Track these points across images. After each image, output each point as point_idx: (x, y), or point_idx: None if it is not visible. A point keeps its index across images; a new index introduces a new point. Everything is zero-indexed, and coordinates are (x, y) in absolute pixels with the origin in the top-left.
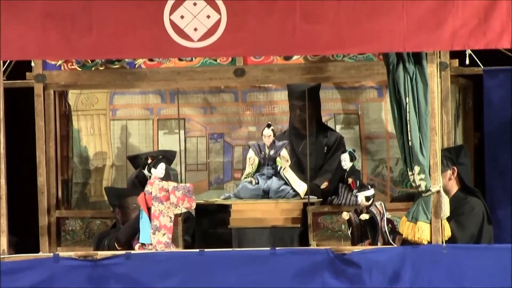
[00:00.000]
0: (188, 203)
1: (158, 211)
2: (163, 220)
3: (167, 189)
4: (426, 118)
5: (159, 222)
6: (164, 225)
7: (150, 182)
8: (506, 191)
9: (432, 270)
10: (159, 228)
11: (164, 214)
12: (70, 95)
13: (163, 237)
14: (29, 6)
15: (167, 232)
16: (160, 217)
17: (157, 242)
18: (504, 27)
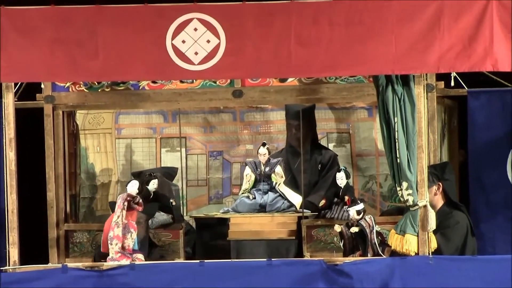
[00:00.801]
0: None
1: (114, 223)
2: (116, 230)
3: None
4: (414, 137)
5: (113, 233)
6: (117, 235)
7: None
8: (488, 205)
9: (419, 280)
10: (112, 238)
11: (118, 225)
12: (78, 115)
13: (116, 246)
14: (38, 32)
15: (118, 242)
16: (115, 228)
17: (115, 252)
18: (487, 52)
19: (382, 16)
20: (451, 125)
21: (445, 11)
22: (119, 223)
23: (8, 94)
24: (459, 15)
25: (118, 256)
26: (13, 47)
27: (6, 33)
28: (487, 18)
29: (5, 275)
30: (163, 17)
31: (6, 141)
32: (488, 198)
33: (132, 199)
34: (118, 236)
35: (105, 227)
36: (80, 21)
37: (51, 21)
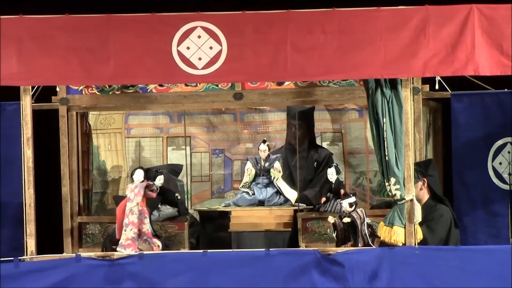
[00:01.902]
0: (139, 197)
1: (129, 210)
2: (132, 217)
3: (132, 189)
4: (401, 136)
5: (128, 220)
6: (132, 221)
7: (127, 186)
8: (470, 200)
9: (406, 269)
10: (127, 224)
11: (133, 212)
12: (90, 116)
13: (130, 232)
14: (54, 39)
15: (134, 227)
16: (130, 215)
17: (125, 239)
18: (468, 58)
19: (372, 25)
20: (436, 126)
21: (430, 20)
22: (134, 210)
23: (26, 96)
24: (443, 24)
25: (127, 243)
26: (30, 53)
27: (24, 41)
28: (468, 26)
29: (23, 264)
30: (169, 25)
31: (24, 140)
32: (470, 193)
33: (148, 187)
34: (133, 223)
35: (118, 215)
36: (92, 29)
37: (65, 29)
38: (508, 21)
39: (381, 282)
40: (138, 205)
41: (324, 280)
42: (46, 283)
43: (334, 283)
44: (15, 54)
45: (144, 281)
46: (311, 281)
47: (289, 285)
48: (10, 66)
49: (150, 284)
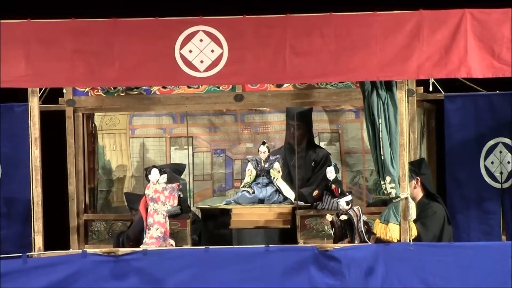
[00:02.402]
0: (173, 201)
1: (153, 210)
2: (157, 217)
3: (159, 190)
4: (396, 136)
5: (153, 219)
6: (158, 221)
7: (147, 186)
8: (463, 198)
9: (401, 265)
10: (152, 224)
11: (158, 212)
12: (96, 117)
13: (156, 231)
14: (60, 42)
15: (160, 227)
16: (155, 215)
17: (149, 238)
18: (461, 60)
19: (368, 29)
20: (430, 126)
21: (424, 24)
22: (159, 210)
23: (34, 98)
24: (436, 28)
25: (151, 241)
26: (38, 56)
27: (32, 44)
28: (461, 30)
29: (31, 260)
30: (172, 29)
31: (32, 140)
32: (462, 191)
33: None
34: (159, 222)
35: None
36: (97, 33)
37: (71, 33)
38: (499, 26)
39: (377, 277)
40: (163, 206)
41: (321, 275)
42: (53, 278)
43: (331, 278)
44: (23, 57)
45: (148, 276)
46: (309, 276)
47: (288, 280)
48: (18, 69)
49: (154, 279)
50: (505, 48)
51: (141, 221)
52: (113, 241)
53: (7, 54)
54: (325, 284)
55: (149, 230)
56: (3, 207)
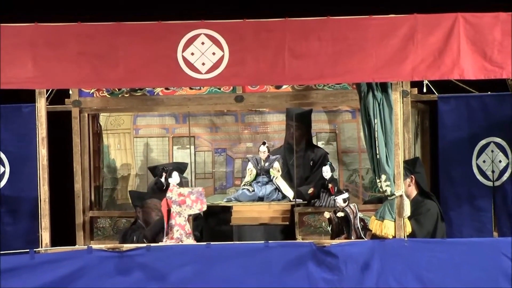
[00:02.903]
0: (200, 205)
1: (176, 212)
2: (179, 219)
3: (184, 194)
4: (391, 136)
5: (174, 221)
6: (179, 223)
7: (170, 189)
8: (456, 195)
9: (396, 260)
10: (173, 225)
11: (181, 215)
12: (101, 117)
13: (177, 233)
14: (66, 45)
15: (180, 229)
16: (177, 217)
17: (170, 238)
18: (454, 63)
19: (363, 32)
20: (424, 126)
21: (418, 28)
22: (181, 213)
23: (41, 99)
24: (430, 32)
25: (172, 242)
26: (44, 58)
27: (39, 47)
28: (454, 33)
29: (38, 255)
30: (174, 32)
31: (39, 139)
32: (455, 189)
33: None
34: (180, 225)
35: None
36: (102, 36)
37: (77, 36)
38: (490, 29)
39: (373, 272)
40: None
41: (319, 271)
42: (60, 273)
43: (328, 273)
44: (30, 59)
45: (152, 271)
46: (307, 272)
47: (287, 275)
48: (26, 71)
49: (158, 274)
50: (497, 51)
51: (160, 222)
52: (119, 238)
53: (15, 56)
54: (323, 279)
55: (171, 231)
56: (11, 204)
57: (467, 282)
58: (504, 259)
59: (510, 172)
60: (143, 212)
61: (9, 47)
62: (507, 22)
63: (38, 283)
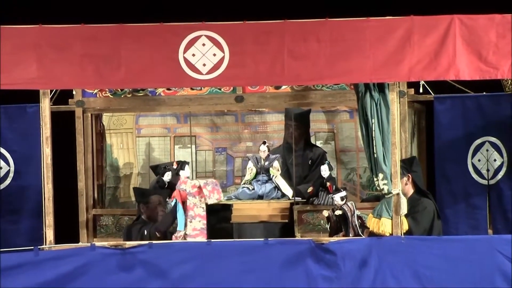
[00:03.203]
0: (218, 195)
1: (193, 204)
2: (197, 210)
3: (198, 185)
4: (388, 135)
5: (193, 212)
6: (198, 214)
7: (184, 181)
8: (451, 194)
9: (393, 257)
10: (194, 217)
11: (198, 206)
12: (104, 117)
13: (199, 223)
14: (70, 47)
15: (202, 219)
16: (195, 208)
17: (192, 229)
18: (450, 64)
19: (361, 34)
20: (420, 126)
21: (415, 29)
22: (197, 204)
23: (45, 99)
24: (426, 33)
25: (195, 233)
26: (49, 60)
27: (43, 48)
28: (450, 35)
29: (42, 252)
30: (176, 34)
31: (43, 139)
32: (451, 187)
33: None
34: (200, 215)
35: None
36: (105, 37)
37: (80, 38)
38: (486, 31)
39: (370, 269)
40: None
41: (318, 267)
42: (64, 270)
43: (327, 270)
44: (35, 60)
45: (154, 268)
46: (306, 268)
47: (286, 272)
48: (30, 72)
49: (159, 270)
50: (492, 52)
51: (172, 215)
52: (122, 235)
53: (20, 57)
54: (321, 276)
55: (190, 223)
56: (16, 202)
57: (462, 278)
58: (498, 256)
59: (504, 171)
60: (147, 208)
61: (14, 48)
62: (502, 24)
63: (42, 280)
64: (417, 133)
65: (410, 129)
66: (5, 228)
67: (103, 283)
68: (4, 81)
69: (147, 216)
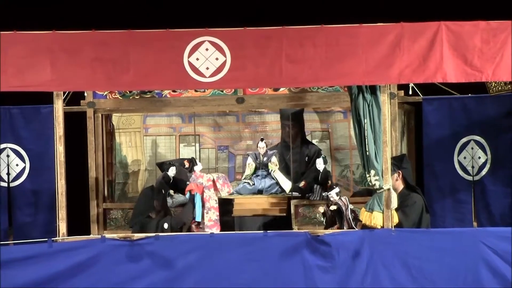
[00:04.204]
0: (228, 188)
1: (208, 196)
2: (212, 202)
3: (213, 179)
4: (380, 134)
5: (209, 204)
6: (213, 206)
7: (200, 175)
8: (439, 189)
9: (384, 248)
10: (210, 208)
11: (212, 198)
12: (114, 117)
13: (214, 215)
14: (82, 51)
15: (216, 211)
16: (210, 200)
17: (208, 220)
18: (437, 67)
19: (354, 39)
20: (409, 125)
21: (404, 35)
22: (212, 196)
23: (58, 100)
24: (415, 39)
25: (211, 224)
26: (62, 63)
27: (57, 52)
28: (437, 41)
29: (55, 244)
30: (181, 39)
31: (57, 138)
32: (439, 183)
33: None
34: (214, 207)
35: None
36: (114, 43)
37: (91, 43)
38: (471, 36)
39: (362, 259)
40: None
41: (313, 258)
42: (76, 260)
43: (322, 260)
44: (49, 64)
45: (160, 258)
46: (302, 259)
47: (284, 262)
48: (45, 74)
49: (165, 261)
50: (476, 56)
51: (191, 206)
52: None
53: (35, 61)
54: (317, 265)
55: (207, 214)
56: (31, 197)
57: (449, 268)
58: (482, 247)
59: (488, 168)
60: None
61: (29, 52)
62: (486, 31)
63: (56, 269)
64: (406, 132)
65: (400, 129)
66: (22, 221)
67: (113, 273)
68: (20, 83)
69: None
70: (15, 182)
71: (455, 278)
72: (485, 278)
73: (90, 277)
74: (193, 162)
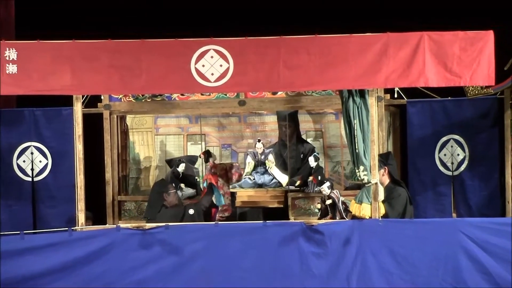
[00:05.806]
0: (238, 177)
1: (222, 183)
2: (225, 188)
3: (225, 168)
4: (368, 134)
5: (223, 191)
6: (227, 192)
7: (214, 166)
8: (421, 183)
9: (372, 237)
10: (223, 194)
11: (225, 185)
12: (128, 118)
13: (227, 200)
14: (99, 59)
15: (228, 196)
16: (224, 187)
17: (222, 206)
18: (420, 73)
19: (345, 48)
20: (395, 125)
21: (390, 44)
22: (225, 184)
23: (77, 103)
24: (400, 47)
25: (225, 208)
26: (80, 70)
27: (76, 60)
28: (420, 49)
29: (75, 233)
30: (188, 48)
31: (76, 137)
32: (421, 178)
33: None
34: (228, 192)
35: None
36: (128, 51)
37: (107, 51)
38: (451, 45)
39: (352, 247)
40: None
41: (308, 245)
42: (93, 247)
43: (316, 247)
44: (69, 70)
45: (170, 246)
46: (298, 246)
47: (281, 249)
48: (65, 80)
49: (174, 248)
50: (456, 63)
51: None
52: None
53: (56, 68)
54: (311, 252)
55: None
56: (53, 190)
57: (431, 255)
58: (461, 236)
59: (466, 164)
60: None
61: (51, 60)
62: (464, 40)
63: (75, 256)
64: (392, 132)
65: (387, 129)
66: (45, 212)
67: (127, 259)
68: (43, 87)
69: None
70: (38, 177)
71: (436, 263)
72: (464, 264)
73: (106, 263)
74: (208, 154)
